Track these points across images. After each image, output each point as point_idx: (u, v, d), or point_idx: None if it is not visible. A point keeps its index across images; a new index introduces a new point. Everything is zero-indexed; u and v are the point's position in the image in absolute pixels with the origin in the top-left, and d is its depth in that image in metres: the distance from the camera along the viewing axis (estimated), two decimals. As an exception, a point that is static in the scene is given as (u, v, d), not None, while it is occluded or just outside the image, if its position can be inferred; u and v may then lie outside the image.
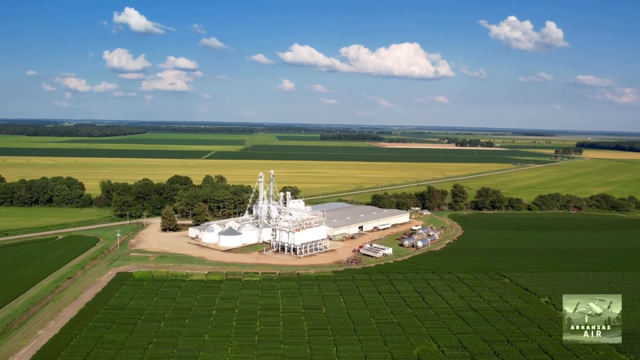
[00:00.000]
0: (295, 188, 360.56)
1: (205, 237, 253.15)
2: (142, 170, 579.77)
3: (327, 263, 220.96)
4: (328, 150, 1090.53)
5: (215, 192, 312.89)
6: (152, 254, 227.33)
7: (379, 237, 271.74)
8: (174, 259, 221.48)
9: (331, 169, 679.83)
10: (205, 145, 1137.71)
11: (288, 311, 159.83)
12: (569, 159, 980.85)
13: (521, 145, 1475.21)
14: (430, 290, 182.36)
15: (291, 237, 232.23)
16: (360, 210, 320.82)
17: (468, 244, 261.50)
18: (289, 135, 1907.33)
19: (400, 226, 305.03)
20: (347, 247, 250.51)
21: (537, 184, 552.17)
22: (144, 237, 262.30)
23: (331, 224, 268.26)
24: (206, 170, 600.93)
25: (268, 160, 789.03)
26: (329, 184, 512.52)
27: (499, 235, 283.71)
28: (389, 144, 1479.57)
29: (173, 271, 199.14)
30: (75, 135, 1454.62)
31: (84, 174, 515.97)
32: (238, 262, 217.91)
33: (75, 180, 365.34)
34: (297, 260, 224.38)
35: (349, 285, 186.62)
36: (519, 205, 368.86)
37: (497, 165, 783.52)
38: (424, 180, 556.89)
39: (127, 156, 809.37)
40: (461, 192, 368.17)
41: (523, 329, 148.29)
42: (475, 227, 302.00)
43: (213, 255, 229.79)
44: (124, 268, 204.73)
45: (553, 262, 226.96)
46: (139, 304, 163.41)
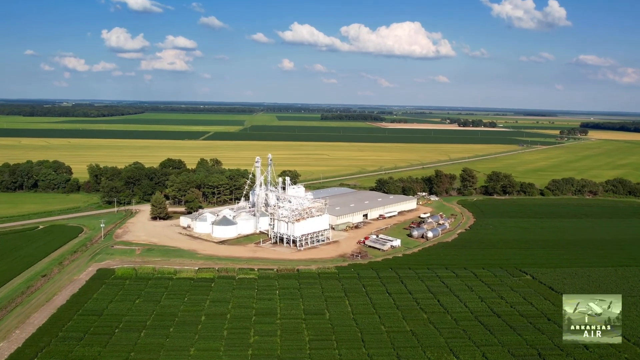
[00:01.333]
0: (295, 172, 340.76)
1: (198, 227, 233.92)
2: (136, 152, 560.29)
3: (329, 257, 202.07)
4: (329, 131, 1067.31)
5: (210, 177, 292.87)
6: (139, 247, 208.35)
7: (385, 227, 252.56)
8: (162, 252, 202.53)
9: (332, 150, 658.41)
10: (203, 126, 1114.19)
11: (287, 317, 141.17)
12: (575, 140, 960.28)
13: (524, 126, 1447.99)
14: (445, 291, 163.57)
15: (290, 227, 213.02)
16: (365, 196, 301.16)
17: (481, 234, 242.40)
18: (289, 116, 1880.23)
19: (407, 213, 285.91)
20: (351, 237, 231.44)
21: (546, 166, 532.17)
22: (131, 226, 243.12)
23: (334, 212, 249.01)
24: (203, 152, 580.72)
25: (267, 142, 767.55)
26: (330, 166, 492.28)
27: (513, 223, 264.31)
28: (391, 124, 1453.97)
29: (160, 267, 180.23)
30: (71, 116, 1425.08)
31: (75, 157, 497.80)
32: (232, 256, 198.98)
33: (62, 164, 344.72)
34: (297, 254, 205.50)
35: (354, 284, 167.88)
36: (532, 190, 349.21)
37: (502, 146, 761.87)
38: (429, 162, 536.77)
39: (123, 137, 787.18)
40: (471, 177, 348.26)
41: (555, 339, 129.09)
42: (488, 215, 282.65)
43: (205, 247, 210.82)
44: (106, 263, 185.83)
45: (576, 255, 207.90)
46: (118, 308, 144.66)
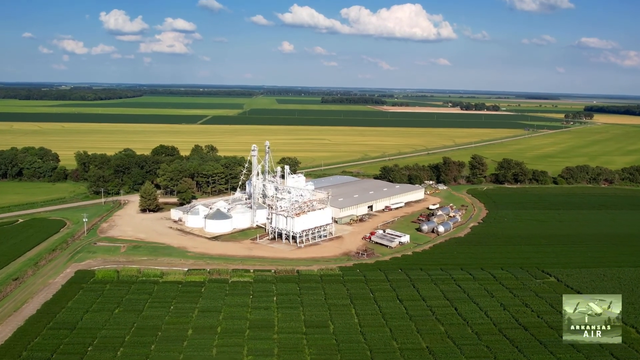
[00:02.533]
0: (295, 159, 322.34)
1: (190, 220, 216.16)
2: (131, 137, 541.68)
3: (333, 255, 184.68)
4: (329, 115, 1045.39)
5: (204, 166, 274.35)
6: (125, 243, 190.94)
7: (391, 220, 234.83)
8: (150, 250, 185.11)
9: (333, 135, 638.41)
10: (201, 110, 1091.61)
11: (285, 331, 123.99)
12: (581, 124, 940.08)
13: (528, 109, 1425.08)
14: (462, 297, 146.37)
15: (290, 222, 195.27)
16: (369, 185, 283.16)
17: (496, 228, 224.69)
18: (289, 99, 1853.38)
19: (414, 204, 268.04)
20: (355, 232, 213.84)
21: (555, 152, 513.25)
22: (118, 219, 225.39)
23: (336, 204, 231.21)
24: (199, 137, 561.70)
25: (266, 126, 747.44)
26: (332, 152, 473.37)
27: (529, 216, 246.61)
28: (392, 107, 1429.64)
29: (145, 268, 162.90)
30: (68, 99, 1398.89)
31: (66, 142, 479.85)
32: (226, 255, 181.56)
33: (48, 151, 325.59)
34: (296, 252, 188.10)
35: (361, 289, 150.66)
36: (544, 179, 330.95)
37: (507, 131, 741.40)
38: (434, 148, 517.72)
39: (118, 121, 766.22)
40: (481, 164, 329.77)
41: (593, 358, 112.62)
42: (500, 206, 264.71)
43: (197, 244, 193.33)
44: (87, 264, 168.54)
45: (602, 253, 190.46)
46: (94, 320, 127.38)
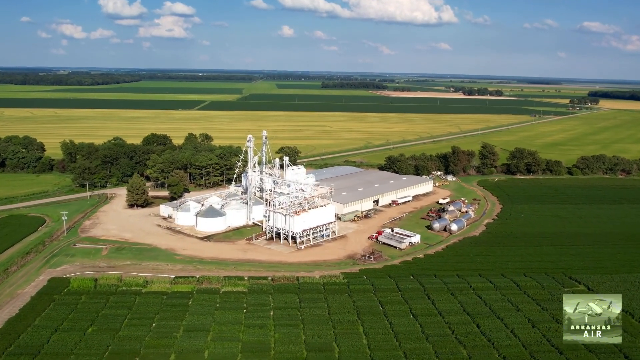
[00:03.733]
0: (295, 149, 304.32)
1: (180, 218, 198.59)
2: (124, 124, 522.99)
3: (336, 258, 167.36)
4: (330, 100, 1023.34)
5: (197, 156, 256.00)
6: (107, 245, 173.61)
7: (399, 216, 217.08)
8: (135, 252, 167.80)
9: (334, 121, 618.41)
10: (200, 95, 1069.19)
11: (283, 356, 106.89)
12: (587, 110, 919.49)
13: (531, 95, 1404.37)
14: (484, 310, 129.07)
15: (289, 221, 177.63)
16: (374, 177, 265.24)
17: (513, 225, 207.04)
18: (289, 83, 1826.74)
19: (422, 198, 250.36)
20: (360, 231, 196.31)
21: (564, 140, 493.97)
22: (103, 216, 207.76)
23: (340, 199, 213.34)
24: (196, 123, 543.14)
25: (265, 112, 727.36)
26: (333, 139, 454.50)
27: (547, 211, 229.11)
28: (394, 92, 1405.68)
29: (127, 276, 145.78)
30: (65, 84, 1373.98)
31: (57, 129, 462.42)
32: (218, 258, 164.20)
33: (33, 140, 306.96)
34: (296, 254, 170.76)
35: (369, 301, 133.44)
36: (559, 169, 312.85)
37: (513, 117, 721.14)
38: (439, 135, 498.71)
39: (113, 107, 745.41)
40: (491, 153, 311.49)
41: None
42: (515, 200, 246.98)
43: (187, 245, 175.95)
44: (62, 270, 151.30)
45: (632, 255, 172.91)
46: (62, 342, 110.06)
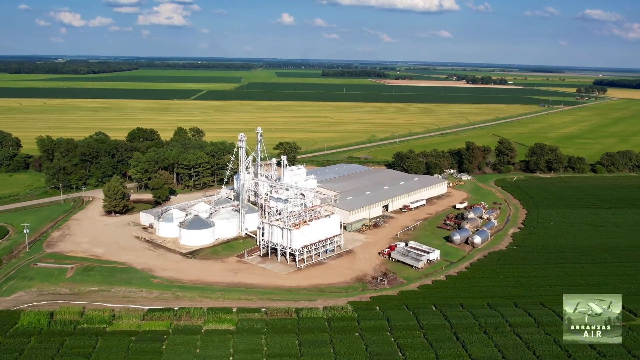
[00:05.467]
0: (294, 144, 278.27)
1: (162, 228, 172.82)
2: (114, 115, 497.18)
3: (342, 282, 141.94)
4: (331, 89, 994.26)
5: (185, 154, 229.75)
6: (75, 263, 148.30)
7: (412, 224, 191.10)
8: (105, 274, 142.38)
9: (336, 112, 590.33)
10: (197, 84, 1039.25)
11: None
12: (596, 100, 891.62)
13: (535, 83, 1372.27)
14: (528, 358, 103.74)
15: (287, 236, 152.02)
16: (382, 177, 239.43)
17: (543, 236, 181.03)
18: (289, 72, 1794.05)
19: (436, 201, 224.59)
20: (370, 244, 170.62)
21: (579, 132, 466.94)
22: (75, 225, 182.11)
23: (345, 205, 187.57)
24: (190, 114, 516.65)
25: (264, 102, 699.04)
26: (335, 132, 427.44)
27: (578, 217, 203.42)
28: (396, 81, 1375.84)
29: (92, 307, 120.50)
30: (60, 73, 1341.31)
31: (43, 121, 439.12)
32: (203, 282, 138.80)
33: (7, 135, 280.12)
34: (295, 276, 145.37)
35: (384, 344, 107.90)
36: (582, 166, 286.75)
37: (521, 107, 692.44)
38: (447, 127, 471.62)
39: (106, 96, 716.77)
40: (509, 149, 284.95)
41: None
42: (539, 203, 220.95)
43: (167, 264, 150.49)
44: (15, 299, 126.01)
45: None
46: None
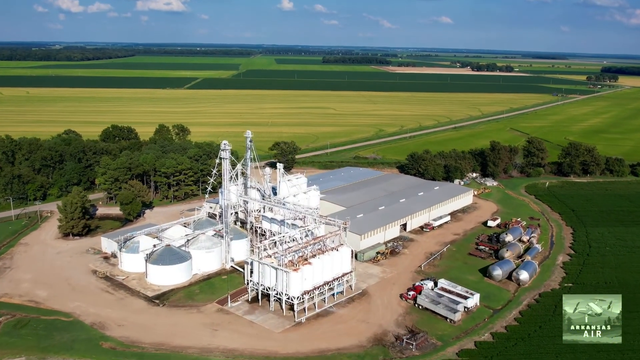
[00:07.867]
0: (293, 144, 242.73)
1: (125, 261, 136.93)
2: (100, 107, 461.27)
3: (356, 345, 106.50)
4: (332, 77, 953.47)
5: (164, 159, 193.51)
6: (6, 313, 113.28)
7: (439, 251, 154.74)
8: (41, 332, 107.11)
9: (338, 102, 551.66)
10: (193, 71, 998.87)
11: None
12: (609, 88, 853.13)
13: (542, 70, 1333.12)
14: None
15: (282, 278, 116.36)
16: (396, 185, 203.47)
17: (600, 267, 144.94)
18: (289, 58, 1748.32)
19: (462, 216, 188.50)
20: (387, 281, 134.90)
21: (604, 125, 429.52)
22: (21, 253, 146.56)
23: (355, 227, 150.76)
24: (180, 105, 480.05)
25: (261, 91, 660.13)
26: (339, 126, 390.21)
27: (636, 238, 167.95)
28: (398, 68, 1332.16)
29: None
30: (53, 60, 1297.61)
31: (20, 114, 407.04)
32: (169, 347, 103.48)
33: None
34: (293, 335, 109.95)
35: None
36: (622, 169, 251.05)
37: (534, 96, 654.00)
38: (459, 120, 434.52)
39: (96, 85, 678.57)
40: (540, 150, 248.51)
41: None
42: (584, 218, 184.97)
43: (126, 315, 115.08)
44: None
45: None
46: None
